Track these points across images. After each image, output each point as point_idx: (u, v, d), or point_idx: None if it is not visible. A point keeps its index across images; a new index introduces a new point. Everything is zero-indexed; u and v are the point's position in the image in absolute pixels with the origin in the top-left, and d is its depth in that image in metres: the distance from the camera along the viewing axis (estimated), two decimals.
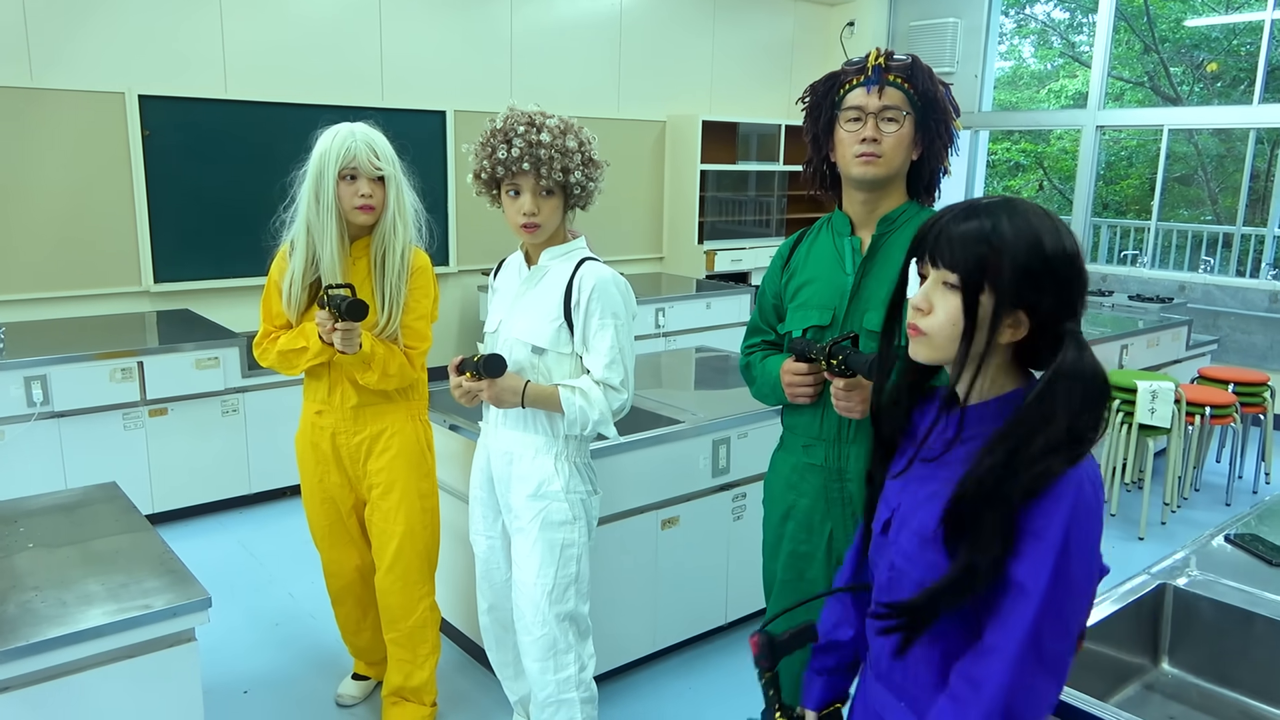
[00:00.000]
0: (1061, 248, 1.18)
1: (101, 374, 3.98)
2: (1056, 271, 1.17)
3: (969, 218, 1.20)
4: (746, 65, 7.47)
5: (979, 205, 1.21)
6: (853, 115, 1.91)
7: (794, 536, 2.06)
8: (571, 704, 2.32)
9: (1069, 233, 1.21)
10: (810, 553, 2.05)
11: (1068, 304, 1.18)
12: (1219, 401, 4.62)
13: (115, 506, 2.30)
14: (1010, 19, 12.12)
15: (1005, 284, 1.16)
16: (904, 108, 1.89)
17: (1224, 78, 11.88)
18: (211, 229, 5.03)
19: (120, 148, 4.74)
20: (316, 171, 2.37)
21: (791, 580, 2.09)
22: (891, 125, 1.89)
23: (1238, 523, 2.19)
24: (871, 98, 1.88)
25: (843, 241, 2.00)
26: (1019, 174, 13.75)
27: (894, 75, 1.89)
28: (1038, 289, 1.16)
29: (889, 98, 1.89)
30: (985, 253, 1.17)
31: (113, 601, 1.79)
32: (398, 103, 5.62)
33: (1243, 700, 1.75)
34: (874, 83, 1.88)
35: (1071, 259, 1.18)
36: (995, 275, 1.16)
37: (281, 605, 3.55)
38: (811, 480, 2.02)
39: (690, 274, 7.02)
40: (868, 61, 1.90)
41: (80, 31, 4.61)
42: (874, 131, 1.88)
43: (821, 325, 1.97)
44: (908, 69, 1.90)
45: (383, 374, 2.45)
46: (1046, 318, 1.18)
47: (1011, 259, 1.16)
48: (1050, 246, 1.17)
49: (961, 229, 1.19)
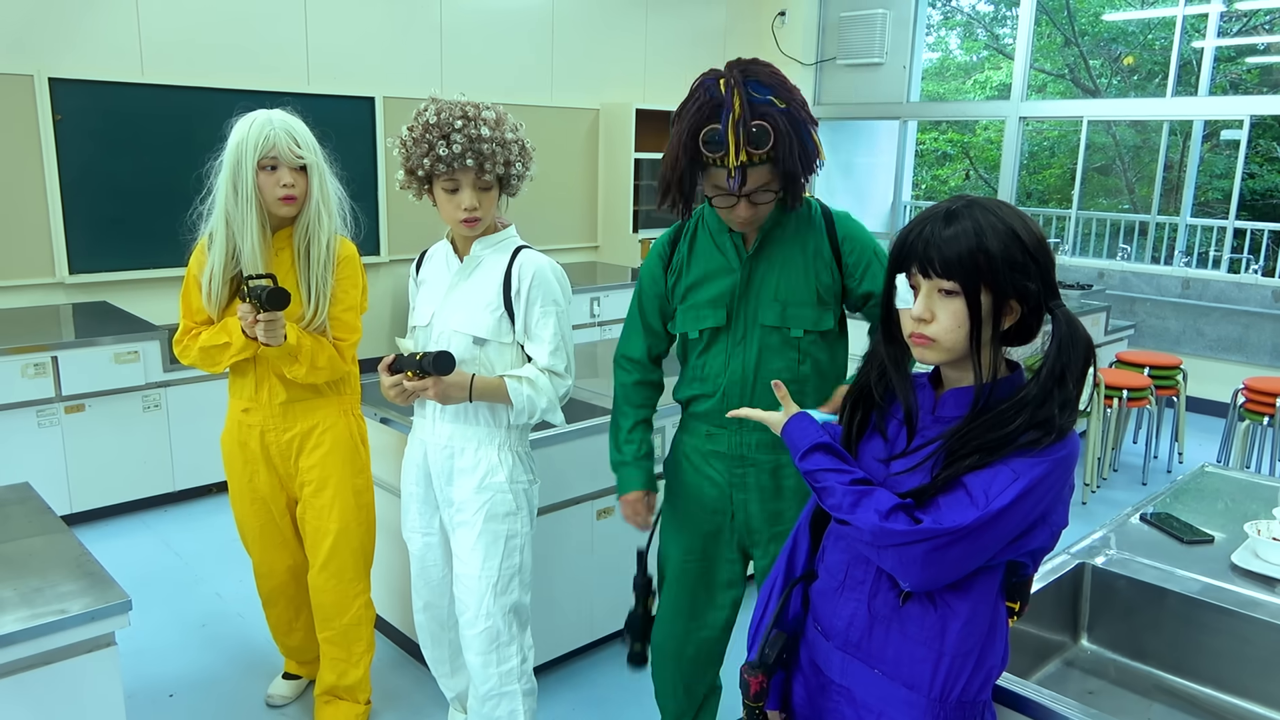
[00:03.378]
0: (1035, 235, 1.28)
1: (12, 370, 3.82)
2: (1036, 258, 1.27)
3: (949, 224, 1.27)
4: (680, 53, 7.47)
5: (952, 210, 1.29)
6: (720, 192, 1.85)
7: (709, 516, 2.13)
8: (514, 695, 2.32)
9: (1033, 221, 1.31)
10: (718, 529, 2.14)
11: (1050, 285, 1.29)
12: (1135, 385, 4.79)
13: (28, 508, 2.21)
14: (937, 11, 12.35)
15: (1000, 280, 1.26)
16: (772, 183, 1.84)
17: (1140, 71, 12.29)
18: (129, 218, 4.85)
19: (30, 133, 4.53)
20: (234, 161, 2.29)
21: (695, 561, 2.17)
22: (763, 196, 1.86)
23: (1153, 501, 2.28)
24: (735, 186, 1.81)
25: (724, 240, 2.01)
26: (946, 164, 14.04)
27: (758, 157, 1.78)
28: (1026, 276, 1.27)
29: (755, 180, 1.82)
30: (976, 255, 1.25)
31: (26, 607, 1.72)
32: (325, 88, 5.49)
33: (1157, 674, 1.83)
34: (737, 180, 1.80)
35: (1044, 244, 1.29)
36: (990, 274, 1.26)
37: (208, 605, 3.46)
38: (716, 466, 2.09)
39: (625, 263, 7.01)
40: (729, 155, 1.77)
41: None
42: (746, 211, 1.87)
43: (717, 326, 2.01)
44: (770, 151, 1.78)
45: (311, 367, 2.39)
46: (1035, 300, 1.29)
47: (1001, 256, 1.25)
48: (1026, 236, 1.27)
49: (946, 236, 1.27)
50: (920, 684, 1.34)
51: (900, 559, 1.27)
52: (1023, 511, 1.24)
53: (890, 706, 1.37)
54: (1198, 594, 1.79)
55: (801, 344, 2.00)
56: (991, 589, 1.33)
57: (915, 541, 1.24)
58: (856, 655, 1.40)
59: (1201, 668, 1.78)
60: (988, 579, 1.33)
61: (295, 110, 2.41)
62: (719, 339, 2.03)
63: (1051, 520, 1.30)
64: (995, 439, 1.26)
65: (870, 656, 1.39)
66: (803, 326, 1.99)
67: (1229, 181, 8.81)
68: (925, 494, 1.28)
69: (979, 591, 1.32)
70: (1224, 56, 10.56)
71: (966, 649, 1.33)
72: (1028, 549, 1.30)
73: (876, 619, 1.38)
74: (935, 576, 1.27)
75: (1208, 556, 1.96)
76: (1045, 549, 1.33)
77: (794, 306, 1.98)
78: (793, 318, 1.99)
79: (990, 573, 1.32)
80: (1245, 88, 10.83)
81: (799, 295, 1.99)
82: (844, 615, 1.41)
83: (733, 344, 2.02)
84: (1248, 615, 1.73)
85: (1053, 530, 1.31)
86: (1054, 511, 1.30)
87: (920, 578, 1.28)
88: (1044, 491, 1.25)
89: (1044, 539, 1.31)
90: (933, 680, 1.33)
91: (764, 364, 2.00)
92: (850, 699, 1.42)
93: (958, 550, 1.24)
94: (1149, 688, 1.81)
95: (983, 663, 1.34)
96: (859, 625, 1.39)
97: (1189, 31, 7.10)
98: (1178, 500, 2.29)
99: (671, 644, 2.24)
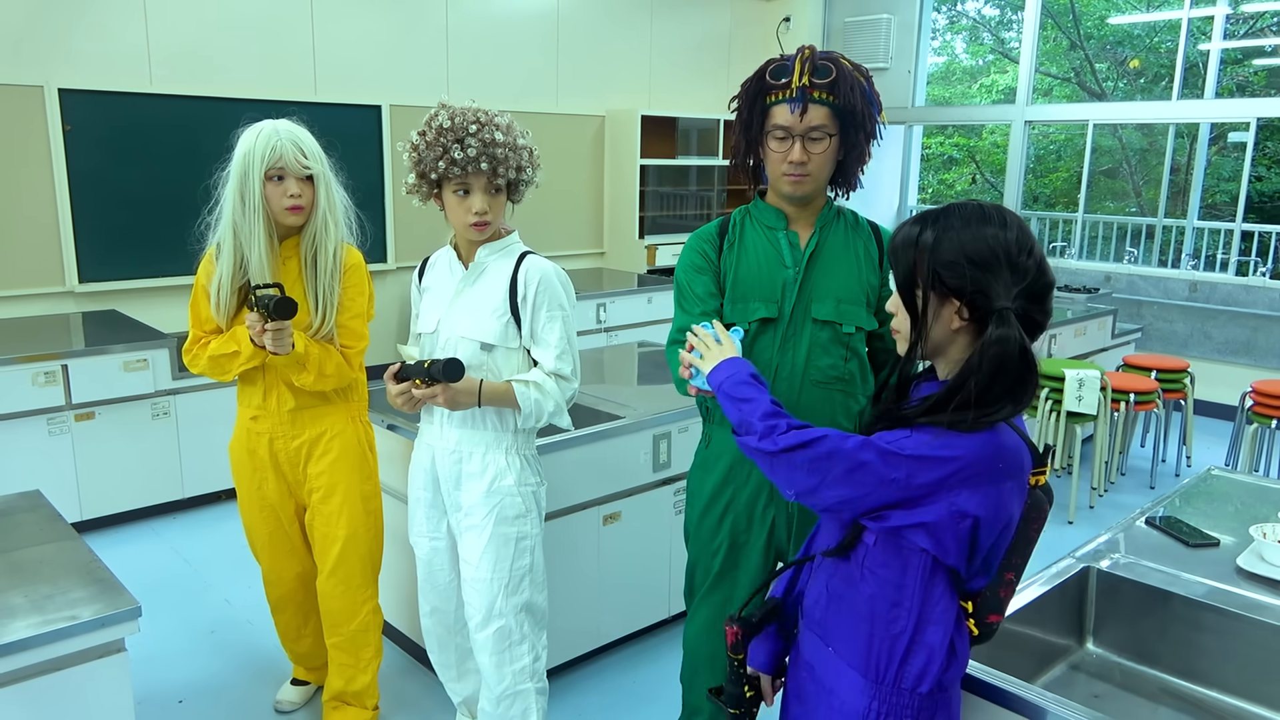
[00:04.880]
0: (983, 242, 1.32)
1: (23, 378, 3.85)
2: (975, 262, 1.31)
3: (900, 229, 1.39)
4: (685, 60, 7.49)
5: (919, 216, 1.38)
6: (779, 135, 1.91)
7: (733, 529, 2.09)
8: (527, 694, 2.34)
9: (1004, 229, 1.33)
10: (749, 543, 2.09)
11: (993, 290, 1.31)
12: (1142, 388, 4.78)
13: (39, 515, 2.22)
14: (942, 15, 12.35)
15: (930, 280, 1.34)
16: (829, 126, 1.90)
17: (1146, 74, 12.27)
18: (139, 227, 4.88)
19: (40, 143, 4.57)
20: (241, 172, 2.31)
21: (728, 570, 2.13)
22: (818, 145, 1.90)
23: (1161, 504, 2.27)
24: (795, 118, 1.88)
25: (777, 235, 2.02)
26: (952, 168, 14.03)
27: (819, 92, 1.87)
28: (960, 279, 1.32)
29: (814, 117, 1.88)
30: (912, 257, 1.36)
31: (37, 613, 1.74)
32: (332, 97, 5.52)
33: (1163, 678, 1.83)
34: (798, 103, 1.87)
35: (994, 251, 1.31)
36: (922, 273, 1.35)
37: (217, 612, 3.47)
38: (753, 472, 2.06)
39: (631, 269, 7.02)
40: (792, 79, 1.88)
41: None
42: (801, 154, 1.90)
43: (769, 318, 2.00)
44: (832, 84, 1.87)
45: (319, 374, 2.41)
46: (979, 302, 1.32)
47: (932, 258, 1.33)
48: (969, 242, 1.32)
49: (895, 241, 1.39)
50: (857, 661, 1.41)
51: (780, 464, 1.40)
52: (906, 466, 1.31)
53: (840, 684, 1.43)
54: (1203, 598, 1.79)
55: (851, 341, 2.03)
56: (917, 572, 1.37)
57: (795, 447, 1.37)
58: (817, 632, 1.48)
59: (1207, 671, 1.78)
60: (912, 560, 1.37)
61: (302, 119, 2.43)
62: (766, 334, 2.02)
63: (955, 502, 1.31)
64: (899, 408, 1.39)
65: (826, 633, 1.46)
66: (855, 323, 2.01)
67: (1236, 184, 8.78)
68: None
69: (904, 571, 1.37)
70: (1230, 59, 10.54)
71: (895, 630, 1.38)
72: (920, 517, 1.33)
73: (833, 597, 1.45)
74: (803, 482, 1.38)
75: (1213, 560, 1.96)
76: (948, 531, 1.33)
77: (847, 304, 2.01)
78: (846, 314, 2.01)
79: (913, 554, 1.36)
80: (1252, 90, 10.80)
81: (852, 294, 2.02)
82: (813, 594, 1.50)
83: (785, 339, 2.01)
84: (1253, 619, 1.73)
85: (952, 511, 1.31)
86: (958, 494, 1.31)
87: (788, 479, 1.40)
88: (940, 464, 1.30)
89: (939, 514, 1.32)
90: (867, 658, 1.40)
91: (813, 360, 2.01)
92: (814, 676, 1.49)
93: (833, 464, 1.35)
94: (1155, 691, 1.81)
95: (917, 650, 1.37)
96: (820, 603, 1.48)
97: (1195, 34, 7.09)
98: (1184, 504, 2.28)
99: (707, 649, 2.22)
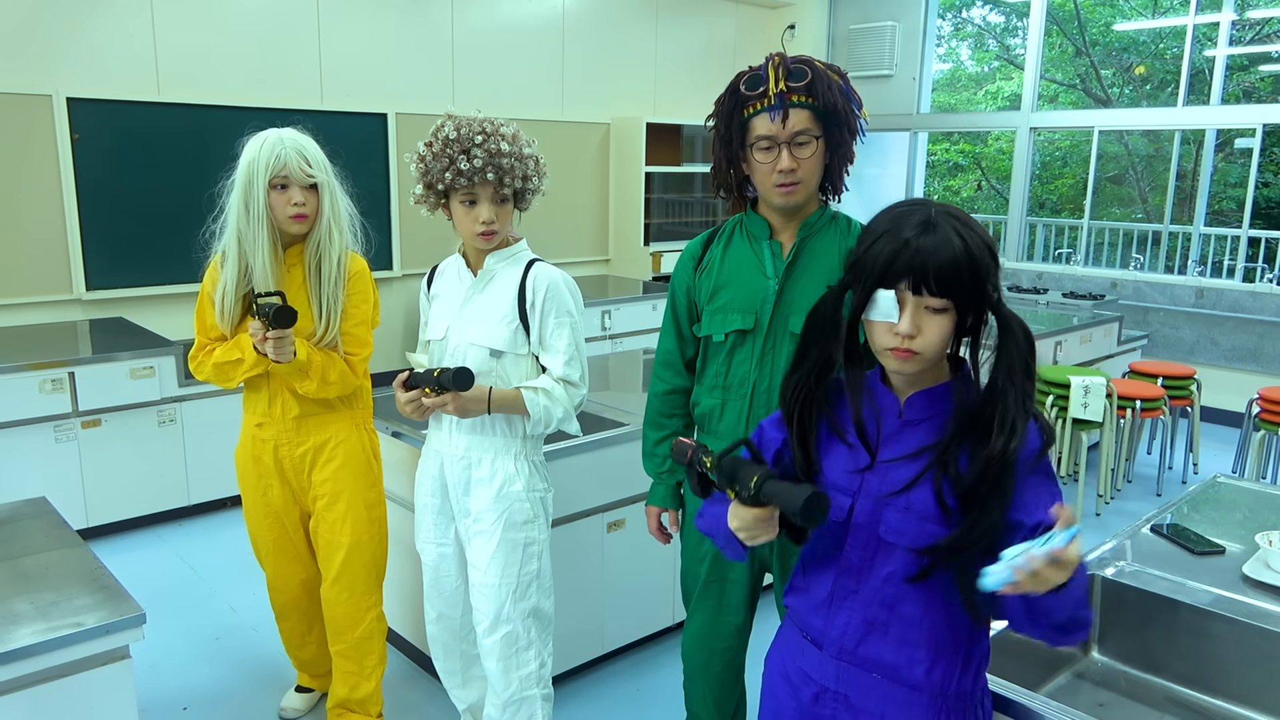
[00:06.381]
0: (991, 240, 1.33)
1: (30, 385, 3.86)
2: (997, 265, 1.33)
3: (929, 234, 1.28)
4: (689, 67, 7.51)
5: (928, 221, 1.29)
6: (763, 145, 1.87)
7: None
8: (533, 700, 2.34)
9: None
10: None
11: (998, 288, 1.34)
12: (1149, 395, 4.76)
13: (45, 522, 2.23)
14: (947, 22, 12.36)
15: (981, 293, 1.32)
16: (813, 129, 1.86)
17: (1152, 80, 12.27)
18: (146, 235, 4.91)
19: (48, 152, 4.60)
20: (245, 180, 2.32)
21: (715, 579, 2.13)
22: (804, 150, 1.87)
23: (1167, 512, 2.27)
24: (778, 125, 1.84)
25: (761, 246, 2.00)
26: (958, 174, 14.03)
27: (797, 96, 1.83)
28: (994, 287, 1.32)
29: (796, 121, 1.84)
30: (962, 270, 1.28)
31: (42, 620, 1.74)
32: (337, 105, 5.54)
33: (1169, 686, 1.82)
34: (778, 110, 1.83)
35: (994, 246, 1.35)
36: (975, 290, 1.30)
37: (222, 619, 3.47)
38: None
39: (636, 276, 7.03)
40: (768, 87, 1.83)
41: (4, 31, 4.47)
42: (789, 161, 1.86)
43: (744, 329, 1.98)
44: (809, 86, 1.83)
45: (322, 382, 2.42)
46: (992, 305, 1.33)
47: (984, 271, 1.30)
48: (990, 243, 1.32)
49: (930, 249, 1.27)
50: (919, 682, 1.39)
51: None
52: None
53: (890, 707, 1.41)
54: (1209, 606, 1.78)
55: None
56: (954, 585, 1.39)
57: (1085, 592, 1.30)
58: (852, 662, 1.44)
59: (1213, 679, 1.77)
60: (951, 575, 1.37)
61: (308, 127, 2.44)
62: (744, 346, 1.99)
63: None
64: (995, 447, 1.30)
65: (866, 662, 1.43)
66: None
67: (1243, 190, 8.77)
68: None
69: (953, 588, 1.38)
70: (1236, 65, 10.52)
71: (956, 643, 1.40)
72: None
73: (872, 626, 1.42)
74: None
75: (1219, 568, 1.95)
76: None
77: None
78: None
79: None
80: (1258, 96, 10.78)
81: None
82: (837, 625, 1.45)
83: (764, 351, 1.98)
84: (1260, 627, 1.71)
85: None
86: None
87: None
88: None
89: None
90: (929, 677, 1.39)
91: None
92: (848, 704, 1.45)
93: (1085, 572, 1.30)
94: (1160, 700, 1.80)
95: (971, 656, 1.41)
96: (853, 633, 1.43)
97: (1200, 40, 7.08)
98: (1191, 511, 2.27)
99: (700, 656, 2.22)
